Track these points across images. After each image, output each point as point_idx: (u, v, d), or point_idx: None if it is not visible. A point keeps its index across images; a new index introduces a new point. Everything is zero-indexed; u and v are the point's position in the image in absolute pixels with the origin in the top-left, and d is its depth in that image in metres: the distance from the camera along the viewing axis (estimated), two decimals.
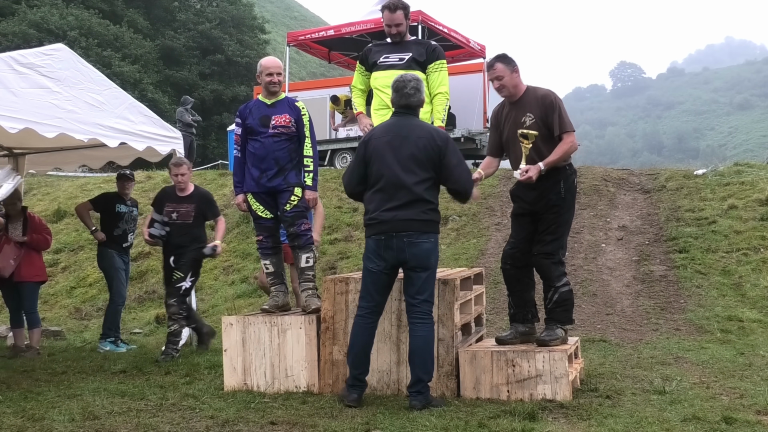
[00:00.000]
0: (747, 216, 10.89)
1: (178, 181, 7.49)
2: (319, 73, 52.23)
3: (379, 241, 5.00)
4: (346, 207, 12.98)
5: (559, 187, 5.40)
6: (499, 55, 5.58)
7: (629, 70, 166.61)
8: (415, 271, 4.98)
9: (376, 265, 5.03)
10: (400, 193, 4.95)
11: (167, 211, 7.49)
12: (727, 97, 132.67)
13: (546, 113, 5.37)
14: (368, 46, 6.26)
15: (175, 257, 7.49)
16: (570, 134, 5.38)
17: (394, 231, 4.94)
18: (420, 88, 5.16)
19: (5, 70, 6.19)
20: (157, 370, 6.62)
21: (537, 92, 5.50)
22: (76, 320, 10.67)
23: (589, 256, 10.49)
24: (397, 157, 4.99)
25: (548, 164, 5.31)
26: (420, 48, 5.93)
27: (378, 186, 5.04)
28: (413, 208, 4.94)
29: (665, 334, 7.97)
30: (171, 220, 7.48)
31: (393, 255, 4.96)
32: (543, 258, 5.45)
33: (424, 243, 4.95)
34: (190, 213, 7.51)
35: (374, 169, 5.06)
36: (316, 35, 17.41)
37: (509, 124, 5.53)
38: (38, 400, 5.34)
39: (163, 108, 32.26)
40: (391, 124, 5.18)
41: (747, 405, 4.91)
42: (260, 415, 4.78)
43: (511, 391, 5.14)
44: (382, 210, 4.98)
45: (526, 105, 5.45)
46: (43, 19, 32.42)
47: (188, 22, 40.87)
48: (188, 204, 7.52)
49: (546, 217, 5.44)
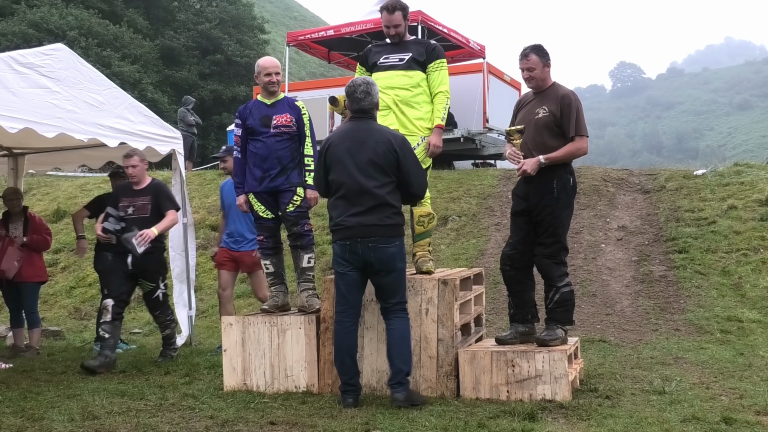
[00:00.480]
0: (747, 216, 10.89)
1: (130, 173, 7.08)
2: (319, 73, 52.20)
3: (345, 246, 5.06)
4: None
5: (551, 186, 5.42)
6: (535, 45, 5.61)
7: (629, 70, 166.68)
8: (382, 276, 5.06)
9: (345, 268, 5.09)
10: (362, 199, 5.02)
11: (123, 205, 7.05)
12: (726, 97, 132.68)
13: (562, 112, 5.41)
14: (368, 47, 6.26)
15: (134, 262, 6.91)
16: (583, 138, 5.43)
17: (359, 236, 5.01)
18: (370, 91, 5.21)
19: (5, 69, 6.18)
20: (156, 370, 6.62)
21: (559, 90, 5.56)
22: (75, 320, 10.66)
23: (589, 257, 10.49)
24: (356, 163, 5.05)
25: (549, 159, 5.34)
26: (420, 47, 5.93)
27: (340, 193, 5.10)
28: (377, 213, 5.02)
29: (665, 335, 7.97)
30: (127, 215, 7.03)
31: (359, 259, 5.03)
32: (544, 258, 5.49)
33: (389, 248, 5.03)
34: (147, 206, 7.04)
35: (335, 176, 5.12)
36: (315, 35, 17.39)
37: (524, 112, 5.60)
38: (38, 400, 5.34)
39: (163, 108, 32.26)
40: (348, 130, 5.24)
41: (746, 405, 4.91)
42: (260, 415, 4.78)
43: (511, 392, 5.14)
44: (346, 216, 5.04)
45: (546, 98, 5.51)
46: (43, 19, 32.39)
47: (188, 22, 40.86)
48: (144, 197, 7.08)
49: (543, 218, 5.45)
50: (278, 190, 5.90)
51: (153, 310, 7.30)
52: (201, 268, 11.43)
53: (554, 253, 5.48)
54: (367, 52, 6.10)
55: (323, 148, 5.24)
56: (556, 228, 5.48)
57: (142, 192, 7.10)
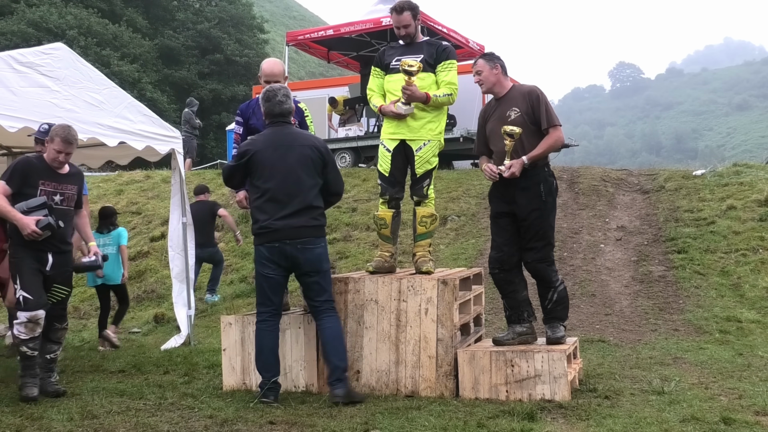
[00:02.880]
0: (746, 216, 10.90)
1: (61, 161, 5.54)
2: (318, 72, 52.25)
3: (273, 249, 5.13)
4: (345, 207, 12.97)
5: (539, 190, 5.45)
6: (485, 52, 5.80)
7: (628, 70, 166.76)
8: (311, 276, 5.19)
9: (271, 270, 5.17)
10: (292, 202, 5.12)
11: (46, 191, 5.50)
12: (725, 97, 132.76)
13: (532, 107, 5.46)
14: (382, 48, 6.22)
15: (55, 262, 5.55)
16: (557, 128, 5.48)
17: (287, 238, 5.10)
18: (289, 95, 5.34)
19: (4, 69, 6.19)
20: (155, 369, 6.61)
21: (522, 88, 5.63)
22: (74, 319, 10.63)
23: (588, 257, 10.49)
24: (285, 166, 5.15)
25: (532, 158, 5.39)
26: (431, 48, 5.86)
27: (267, 196, 5.16)
28: (305, 215, 5.14)
29: (664, 335, 7.97)
30: (55, 204, 5.53)
31: (286, 261, 5.14)
32: (538, 263, 5.52)
33: (316, 248, 5.18)
34: (74, 197, 5.73)
35: (261, 181, 5.19)
36: (315, 35, 17.40)
37: (494, 120, 5.61)
38: (37, 399, 5.33)
39: (162, 107, 32.28)
40: (272, 135, 5.31)
41: (746, 405, 4.91)
42: (259, 414, 4.78)
43: (510, 391, 5.14)
44: (273, 219, 5.11)
45: (512, 100, 5.54)
46: (42, 18, 32.42)
47: (187, 22, 40.89)
48: (72, 185, 5.70)
49: (530, 222, 5.46)
50: None
51: (60, 321, 5.74)
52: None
53: (545, 256, 5.53)
54: (380, 54, 6.02)
55: (244, 152, 5.25)
56: (546, 231, 5.52)
57: (69, 178, 5.68)
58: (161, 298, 10.95)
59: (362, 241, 11.68)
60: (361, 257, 10.97)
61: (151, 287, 11.43)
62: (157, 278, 11.66)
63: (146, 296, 11.24)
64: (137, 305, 10.99)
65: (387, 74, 5.88)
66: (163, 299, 10.79)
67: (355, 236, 11.92)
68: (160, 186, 15.49)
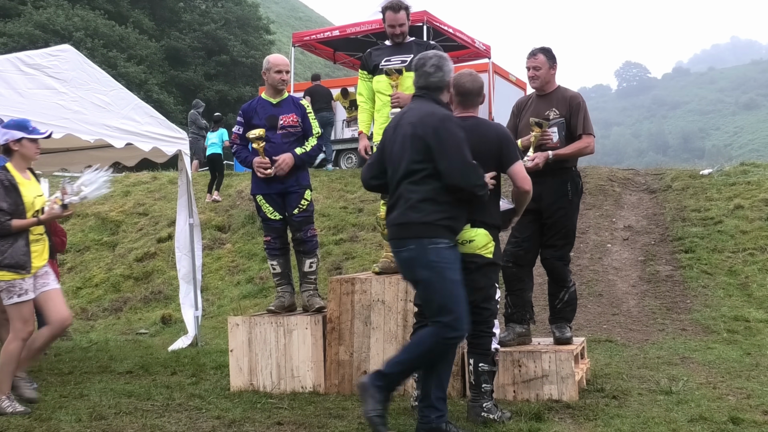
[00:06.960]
0: (753, 216, 10.86)
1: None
2: (324, 73, 52.21)
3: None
4: (352, 208, 12.98)
5: (566, 189, 5.45)
6: (545, 47, 5.64)
7: (634, 70, 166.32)
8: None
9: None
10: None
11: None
12: (732, 96, 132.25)
13: (571, 112, 5.46)
14: (368, 51, 6.16)
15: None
16: (590, 137, 5.48)
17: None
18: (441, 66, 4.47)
19: (12, 71, 6.21)
20: (163, 370, 6.63)
21: (567, 92, 5.60)
22: (82, 321, 10.69)
23: (595, 256, 10.47)
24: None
25: (558, 155, 5.37)
26: (420, 48, 5.82)
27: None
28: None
29: (671, 335, 7.95)
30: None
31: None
32: (557, 261, 5.55)
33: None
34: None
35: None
36: (321, 36, 17.42)
37: (530, 113, 5.57)
38: (45, 401, 5.36)
39: (169, 109, 32.33)
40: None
41: (754, 405, 4.90)
42: (266, 415, 4.79)
43: (518, 392, 5.13)
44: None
45: (554, 101, 5.53)
46: (49, 20, 32.51)
47: (193, 23, 40.94)
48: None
49: (555, 220, 5.46)
50: (287, 192, 5.90)
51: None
52: (207, 268, 11.46)
53: (564, 255, 5.57)
54: (367, 56, 6.00)
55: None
56: (569, 230, 5.55)
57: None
58: (168, 299, 10.98)
59: (369, 242, 11.68)
60: (367, 258, 10.97)
61: (158, 288, 11.46)
62: (164, 279, 11.69)
63: (153, 297, 11.27)
64: (144, 306, 11.03)
65: (375, 75, 5.86)
66: (171, 300, 10.82)
67: (362, 237, 11.92)
68: (167, 187, 15.53)
